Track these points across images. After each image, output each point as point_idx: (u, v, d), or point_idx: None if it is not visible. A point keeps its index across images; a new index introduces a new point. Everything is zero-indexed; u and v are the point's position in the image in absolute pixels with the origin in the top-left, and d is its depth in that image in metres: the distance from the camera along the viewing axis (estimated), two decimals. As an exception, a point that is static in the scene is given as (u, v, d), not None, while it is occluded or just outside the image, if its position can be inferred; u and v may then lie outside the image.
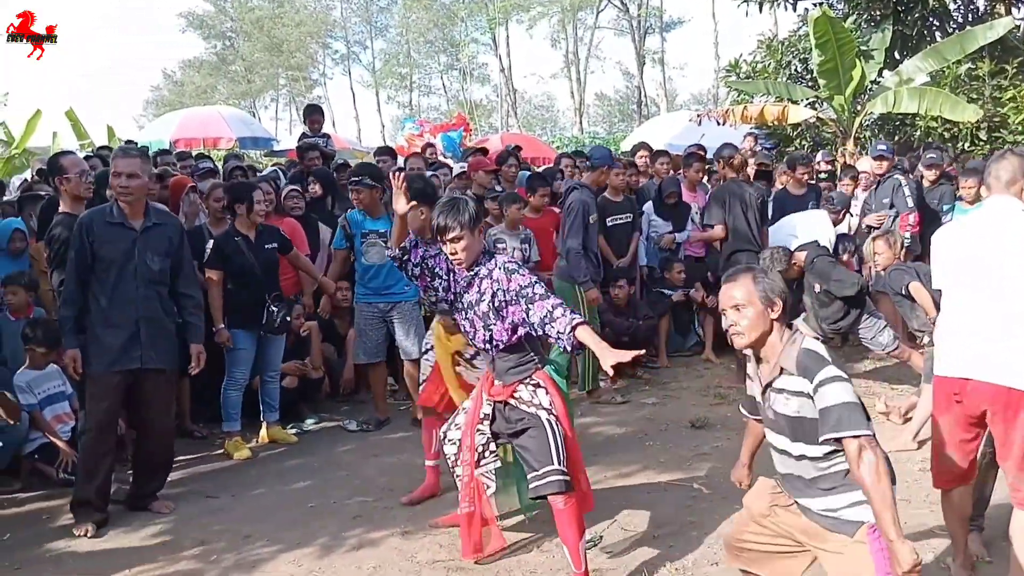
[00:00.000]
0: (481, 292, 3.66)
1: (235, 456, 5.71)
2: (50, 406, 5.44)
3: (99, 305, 4.53)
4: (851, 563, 2.72)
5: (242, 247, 5.74)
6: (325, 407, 6.80)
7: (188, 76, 48.06)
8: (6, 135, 17.71)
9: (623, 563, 3.92)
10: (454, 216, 3.58)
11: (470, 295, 3.70)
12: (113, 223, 4.55)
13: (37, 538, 4.51)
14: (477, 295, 3.67)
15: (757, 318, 2.79)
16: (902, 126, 13.18)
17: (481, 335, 3.71)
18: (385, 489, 5.02)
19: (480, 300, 3.66)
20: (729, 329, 2.88)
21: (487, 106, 46.97)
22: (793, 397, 2.76)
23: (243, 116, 17.27)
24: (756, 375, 2.96)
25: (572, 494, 3.60)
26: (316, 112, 9.34)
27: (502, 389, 3.74)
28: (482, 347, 3.77)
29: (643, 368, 7.63)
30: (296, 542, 4.30)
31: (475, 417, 3.86)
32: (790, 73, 13.97)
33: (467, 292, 3.72)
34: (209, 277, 5.70)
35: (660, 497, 4.70)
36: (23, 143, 16.48)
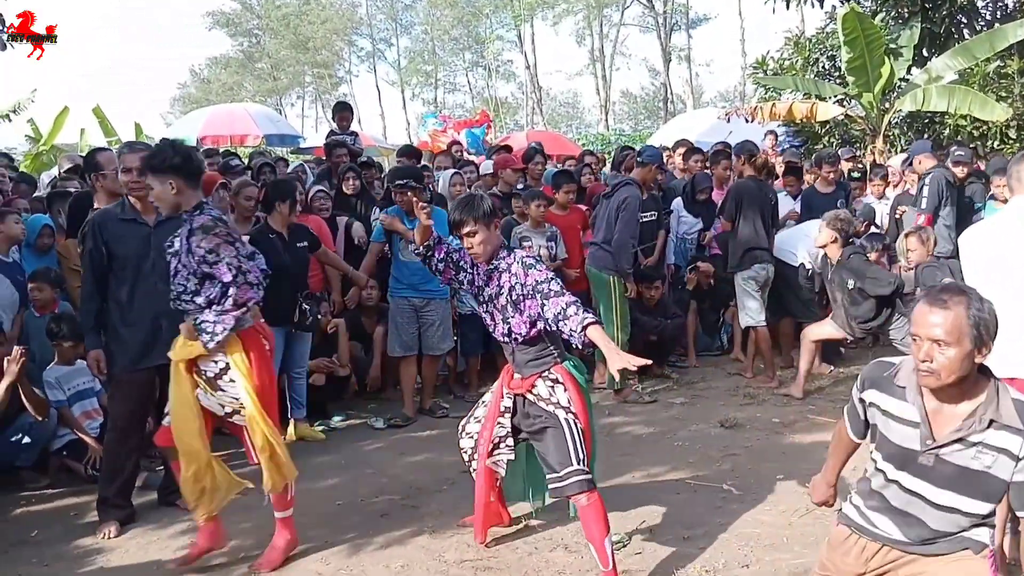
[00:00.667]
0: (500, 285, 3.73)
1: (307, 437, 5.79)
2: (79, 402, 5.47)
3: (118, 303, 4.49)
4: (966, 571, 2.48)
5: (276, 245, 5.75)
6: (352, 405, 6.80)
7: (215, 73, 48.39)
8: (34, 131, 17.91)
9: (652, 564, 3.88)
10: (469, 211, 3.67)
11: (490, 288, 3.78)
12: (126, 220, 4.50)
13: (65, 535, 4.53)
14: (496, 288, 3.75)
15: (963, 359, 2.33)
16: (931, 124, 13.03)
17: (500, 328, 3.76)
18: (413, 487, 5.01)
19: (499, 293, 3.73)
20: (920, 365, 2.38)
21: (512, 103, 46.95)
22: (990, 452, 2.36)
23: (270, 113, 17.39)
24: (924, 417, 2.46)
25: (595, 490, 3.60)
26: (345, 110, 9.38)
27: (521, 382, 3.78)
28: (502, 340, 3.81)
29: (671, 368, 7.58)
30: (324, 540, 4.30)
31: (496, 410, 3.90)
32: (818, 70, 13.84)
33: (487, 285, 3.79)
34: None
35: (690, 498, 4.66)
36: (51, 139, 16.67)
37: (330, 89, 46.43)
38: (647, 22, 41.61)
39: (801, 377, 6.60)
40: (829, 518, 4.20)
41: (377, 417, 6.42)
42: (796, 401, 6.44)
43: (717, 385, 7.10)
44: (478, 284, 3.85)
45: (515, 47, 42.91)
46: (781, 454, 5.28)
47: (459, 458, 5.18)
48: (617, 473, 5.05)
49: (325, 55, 44.73)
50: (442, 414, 6.45)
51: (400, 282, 6.34)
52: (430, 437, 6.01)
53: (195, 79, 50.33)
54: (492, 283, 3.77)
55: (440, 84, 46.47)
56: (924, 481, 2.46)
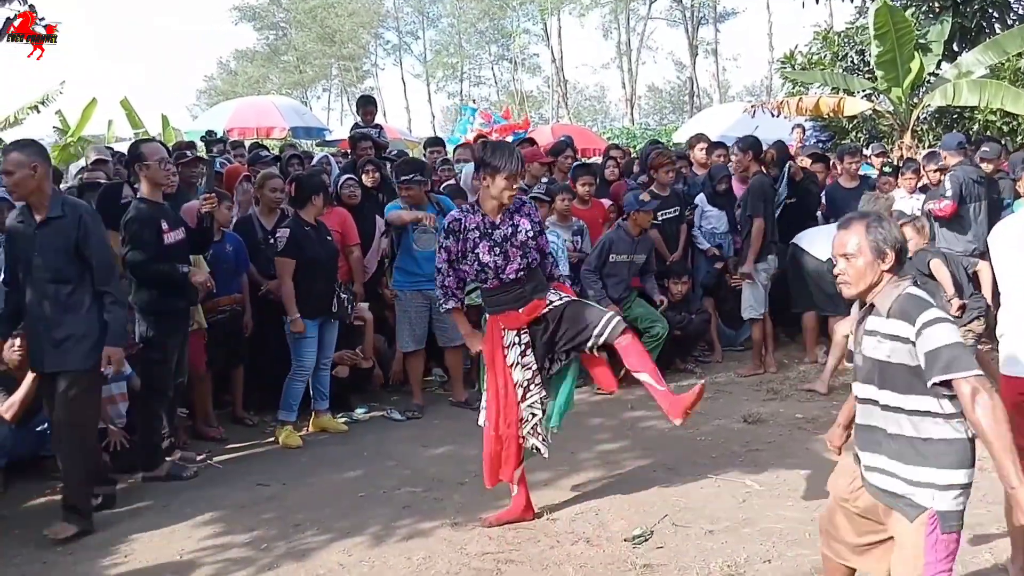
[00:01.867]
0: (515, 225, 4.17)
1: (283, 442, 5.75)
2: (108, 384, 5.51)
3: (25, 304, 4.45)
4: (904, 550, 2.68)
5: (313, 237, 5.83)
6: (375, 397, 6.82)
7: (241, 66, 48.70)
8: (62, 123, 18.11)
9: (675, 558, 3.86)
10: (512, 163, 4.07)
11: (502, 229, 4.15)
12: (23, 219, 4.43)
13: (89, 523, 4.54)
14: (510, 228, 4.16)
15: (865, 268, 2.74)
16: (960, 119, 12.85)
17: (516, 264, 4.15)
18: (435, 479, 5.02)
19: (515, 232, 4.15)
20: (838, 277, 2.84)
21: (537, 97, 46.85)
22: (886, 341, 2.68)
23: (296, 106, 17.46)
24: (854, 324, 2.90)
25: (628, 329, 4.19)
26: (370, 103, 9.39)
27: (533, 306, 4.17)
28: (514, 277, 4.16)
29: (695, 362, 7.54)
30: (346, 531, 4.32)
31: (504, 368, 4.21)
32: (846, 65, 13.69)
33: (497, 229, 4.15)
34: (283, 265, 5.76)
35: (713, 493, 4.63)
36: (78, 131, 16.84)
37: (356, 82, 46.59)
38: (674, 16, 41.44)
39: (828, 373, 6.54)
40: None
41: (393, 409, 6.44)
42: (820, 397, 6.39)
43: (740, 380, 7.05)
44: (483, 234, 4.15)
45: (541, 40, 42.85)
46: (804, 450, 5.24)
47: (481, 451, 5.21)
48: (640, 467, 5.04)
49: (351, 48, 44.87)
50: (478, 406, 6.42)
51: (413, 274, 6.33)
52: (452, 429, 6.02)
53: (222, 71, 50.69)
54: (503, 225, 4.16)
55: (465, 77, 46.49)
56: (862, 383, 2.81)
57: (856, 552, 2.94)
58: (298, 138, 15.41)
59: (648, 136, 19.27)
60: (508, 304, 4.21)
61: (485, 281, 4.22)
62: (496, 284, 4.19)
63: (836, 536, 2.98)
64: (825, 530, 3.05)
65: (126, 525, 4.52)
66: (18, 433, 5.11)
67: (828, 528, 3.02)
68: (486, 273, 4.17)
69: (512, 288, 4.18)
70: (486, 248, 4.13)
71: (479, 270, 4.18)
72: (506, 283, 4.17)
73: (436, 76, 46.20)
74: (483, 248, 4.13)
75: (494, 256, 4.13)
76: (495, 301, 4.24)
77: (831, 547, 3.02)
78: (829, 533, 3.02)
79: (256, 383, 6.41)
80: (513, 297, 4.19)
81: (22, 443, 5.19)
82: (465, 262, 4.21)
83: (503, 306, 4.22)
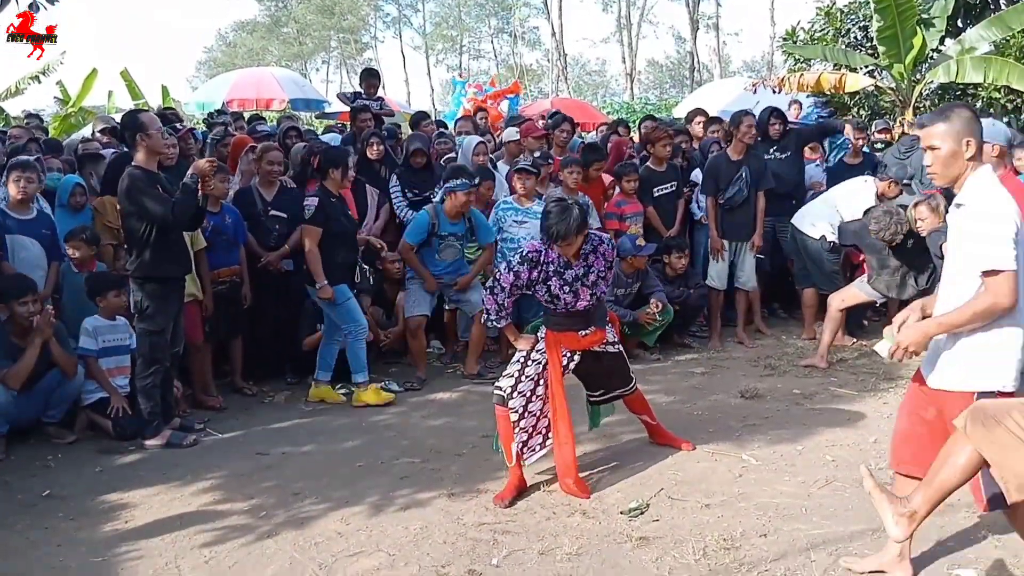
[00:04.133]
0: (588, 266, 4.33)
1: (369, 400, 5.96)
2: (111, 356, 5.58)
3: None
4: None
5: (339, 209, 5.95)
6: (373, 368, 6.82)
7: (241, 38, 48.34)
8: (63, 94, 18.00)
9: (671, 532, 3.88)
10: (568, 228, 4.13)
11: (575, 270, 4.31)
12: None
13: (90, 490, 4.60)
14: (584, 268, 4.32)
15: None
16: (963, 96, 12.77)
17: (585, 301, 4.36)
18: (433, 451, 5.04)
19: (588, 272, 4.33)
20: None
21: (537, 71, 46.58)
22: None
23: (295, 78, 17.36)
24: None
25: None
26: (372, 76, 9.36)
27: (593, 336, 4.47)
28: (584, 309, 4.39)
29: (693, 338, 7.56)
30: (344, 501, 4.34)
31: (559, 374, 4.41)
32: (848, 41, 13.59)
33: (568, 269, 4.31)
34: (310, 233, 5.80)
35: (709, 467, 4.66)
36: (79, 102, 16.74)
37: (355, 54, 46.31)
38: (675, -11, 41.03)
39: (824, 347, 6.57)
40: (848, 489, 4.22)
41: (391, 381, 6.47)
42: (817, 372, 6.42)
43: (738, 356, 7.07)
44: (556, 271, 4.30)
45: (541, 13, 42.54)
46: (801, 425, 5.27)
47: (479, 422, 5.25)
48: (637, 441, 5.07)
49: (351, 20, 44.55)
50: (492, 377, 6.45)
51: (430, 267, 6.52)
52: (451, 401, 6.05)
53: (220, 43, 50.33)
54: (577, 266, 4.31)
55: (465, 50, 46.20)
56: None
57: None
58: (297, 110, 15.35)
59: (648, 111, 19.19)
60: (569, 327, 4.44)
61: (554, 307, 4.40)
62: (564, 311, 4.40)
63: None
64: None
65: (127, 492, 4.55)
66: (21, 400, 5.15)
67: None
68: (555, 304, 4.37)
69: (576, 315, 4.42)
70: (558, 284, 4.32)
71: (548, 300, 4.38)
72: (571, 312, 4.40)
73: (435, 48, 45.90)
74: (555, 283, 4.32)
75: (564, 293, 4.33)
76: (558, 323, 4.44)
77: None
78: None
79: (255, 354, 6.44)
80: (575, 323, 4.43)
81: (25, 409, 5.24)
82: (535, 289, 4.37)
83: (565, 328, 4.44)
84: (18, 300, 5.18)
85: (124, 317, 5.60)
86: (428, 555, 3.74)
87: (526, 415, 4.39)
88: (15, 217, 5.70)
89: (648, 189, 7.45)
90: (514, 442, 4.35)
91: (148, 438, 5.18)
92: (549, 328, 4.47)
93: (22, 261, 5.61)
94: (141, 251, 5.11)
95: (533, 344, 4.47)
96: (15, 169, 5.69)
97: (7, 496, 4.54)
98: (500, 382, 4.43)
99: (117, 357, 5.59)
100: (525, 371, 4.41)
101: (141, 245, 5.10)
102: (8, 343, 5.21)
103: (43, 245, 5.75)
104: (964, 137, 3.03)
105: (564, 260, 4.30)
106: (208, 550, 3.85)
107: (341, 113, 12.56)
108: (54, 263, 5.80)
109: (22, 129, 8.29)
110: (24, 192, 5.67)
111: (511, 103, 14.57)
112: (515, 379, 4.38)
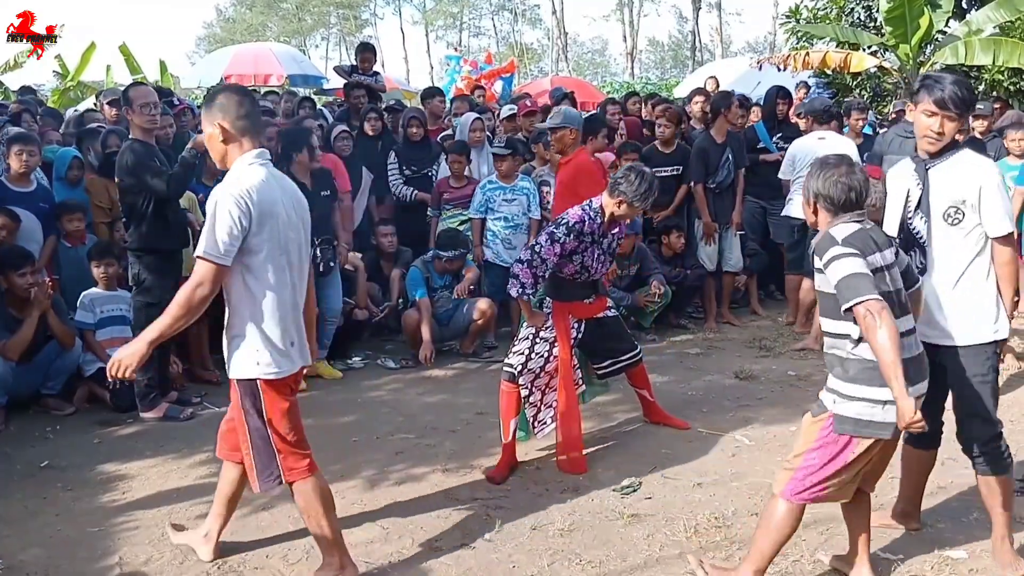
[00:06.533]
0: (613, 235, 4.53)
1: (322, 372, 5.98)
2: (109, 327, 5.60)
3: None
4: (801, 435, 3.07)
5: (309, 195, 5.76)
6: (369, 345, 6.86)
7: (240, 13, 48.03)
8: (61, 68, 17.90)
9: (663, 510, 3.92)
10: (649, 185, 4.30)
11: (607, 240, 4.48)
12: None
13: (89, 461, 4.63)
14: (612, 238, 4.54)
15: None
16: (967, 78, 12.69)
17: (606, 268, 4.59)
18: (428, 427, 5.07)
19: (613, 240, 4.56)
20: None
21: (537, 50, 46.35)
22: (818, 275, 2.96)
23: (294, 53, 17.23)
24: None
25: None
26: (368, 50, 9.23)
27: (596, 302, 4.62)
28: (598, 276, 4.56)
29: (689, 318, 7.57)
30: (339, 475, 4.35)
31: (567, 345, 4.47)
32: (852, 20, 13.50)
33: (605, 238, 4.45)
34: None
35: (702, 447, 4.68)
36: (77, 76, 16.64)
37: (354, 31, 46.00)
38: (678, -32, 40.77)
39: (817, 329, 6.57)
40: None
41: (387, 357, 6.48)
42: (812, 355, 6.42)
43: (734, 337, 7.09)
44: (595, 240, 4.41)
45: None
46: (795, 406, 5.27)
47: (474, 400, 5.26)
48: (631, 419, 5.10)
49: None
50: (488, 355, 6.50)
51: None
52: (447, 378, 6.07)
53: (220, 18, 50.00)
54: (608, 236, 4.48)
55: (465, 27, 45.92)
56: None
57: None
58: (295, 86, 15.22)
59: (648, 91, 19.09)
60: (578, 296, 4.54)
61: (578, 277, 4.46)
62: (584, 281, 4.50)
63: None
64: None
65: (124, 463, 4.58)
66: (20, 371, 5.17)
67: None
68: (584, 274, 4.45)
69: (588, 284, 4.55)
70: (595, 254, 4.42)
71: (579, 270, 4.43)
72: (587, 282, 4.53)
73: (435, 25, 45.60)
74: (592, 253, 4.41)
75: (597, 262, 4.45)
76: (568, 292, 4.51)
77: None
78: None
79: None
80: (585, 291, 4.56)
81: (24, 381, 5.27)
82: (570, 260, 4.38)
83: (574, 297, 4.53)
84: (16, 271, 5.19)
85: (125, 290, 5.61)
86: (421, 529, 3.77)
87: (533, 390, 4.43)
88: (14, 190, 5.70)
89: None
90: (513, 419, 4.36)
91: (145, 410, 5.20)
92: (556, 299, 4.51)
93: (19, 233, 5.61)
94: (139, 224, 5.12)
95: (544, 321, 4.48)
96: (17, 142, 5.70)
97: (6, 467, 4.57)
98: (510, 359, 4.45)
99: (118, 327, 5.60)
100: (535, 348, 4.44)
101: (139, 218, 5.11)
102: (6, 315, 5.22)
103: (40, 218, 5.75)
104: None
105: (603, 230, 4.39)
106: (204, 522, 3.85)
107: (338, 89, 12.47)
108: (51, 236, 5.81)
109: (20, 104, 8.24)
110: (26, 166, 5.70)
111: (505, 83, 14.43)
112: (525, 356, 4.41)
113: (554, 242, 4.28)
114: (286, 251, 3.08)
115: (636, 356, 4.85)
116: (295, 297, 3.18)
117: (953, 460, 4.22)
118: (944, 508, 3.85)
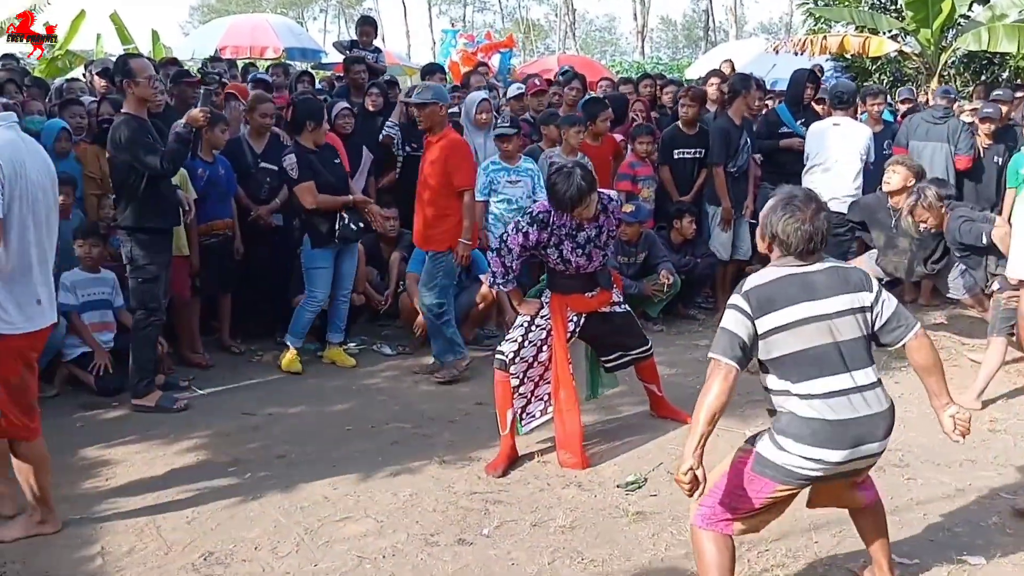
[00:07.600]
0: (599, 226, 4.25)
1: (285, 367, 5.71)
2: (93, 311, 5.44)
3: None
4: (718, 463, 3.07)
5: (317, 164, 5.64)
6: (364, 330, 6.70)
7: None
8: (49, 36, 17.61)
9: (668, 507, 3.80)
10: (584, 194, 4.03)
11: (587, 231, 4.21)
12: None
13: (71, 446, 4.50)
14: (595, 230, 4.23)
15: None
16: (989, 65, 12.46)
17: (597, 261, 4.31)
18: (425, 416, 4.94)
19: (599, 233, 4.25)
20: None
21: (544, 27, 45.94)
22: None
23: (291, 25, 16.89)
24: None
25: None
26: (368, 24, 9.01)
27: (600, 296, 4.41)
28: (593, 271, 4.33)
29: (698, 309, 7.39)
30: (332, 464, 4.25)
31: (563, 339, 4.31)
32: (872, 3, 13.23)
33: (580, 232, 4.20)
34: (304, 192, 5.58)
35: (710, 442, 4.48)
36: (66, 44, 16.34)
37: (354, 3, 45.56)
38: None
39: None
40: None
41: (384, 344, 6.35)
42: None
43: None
44: (568, 234, 4.19)
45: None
46: (805, 400, 5.13)
47: (473, 389, 5.11)
48: (636, 414, 4.97)
49: (351, -34, 43.81)
50: (488, 343, 6.31)
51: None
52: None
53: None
54: (588, 226, 4.20)
55: (469, 2, 45.49)
56: None
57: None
58: (293, 59, 14.92)
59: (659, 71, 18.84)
60: (576, 289, 4.36)
61: (564, 270, 4.30)
62: (573, 273, 4.31)
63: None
64: None
65: (108, 448, 4.47)
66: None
67: None
68: (566, 267, 4.27)
69: (584, 277, 4.34)
70: (570, 248, 4.23)
71: (559, 264, 4.27)
72: (580, 274, 4.32)
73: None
74: (567, 247, 4.23)
75: (577, 256, 4.24)
76: (565, 285, 4.35)
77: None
78: None
79: (244, 311, 6.30)
80: (582, 284, 4.36)
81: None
82: (546, 253, 4.25)
83: (572, 290, 4.35)
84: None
85: (111, 271, 5.45)
86: (417, 523, 3.67)
87: (525, 380, 4.30)
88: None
89: (669, 150, 7.22)
90: (510, 409, 4.24)
91: (138, 397, 5.04)
92: (554, 291, 4.36)
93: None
94: (130, 202, 4.96)
95: (537, 309, 4.35)
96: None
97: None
98: (502, 347, 4.33)
99: (100, 311, 5.45)
100: (529, 336, 4.32)
101: (131, 196, 4.95)
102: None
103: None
104: None
105: (576, 223, 4.18)
106: (190, 511, 3.78)
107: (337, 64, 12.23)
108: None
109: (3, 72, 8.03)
110: None
111: (503, 57, 14.16)
112: (518, 344, 4.29)
113: (519, 231, 4.20)
114: (33, 210, 3.24)
115: (646, 351, 4.69)
116: (44, 254, 3.35)
117: (971, 462, 4.13)
118: (962, 512, 3.73)
